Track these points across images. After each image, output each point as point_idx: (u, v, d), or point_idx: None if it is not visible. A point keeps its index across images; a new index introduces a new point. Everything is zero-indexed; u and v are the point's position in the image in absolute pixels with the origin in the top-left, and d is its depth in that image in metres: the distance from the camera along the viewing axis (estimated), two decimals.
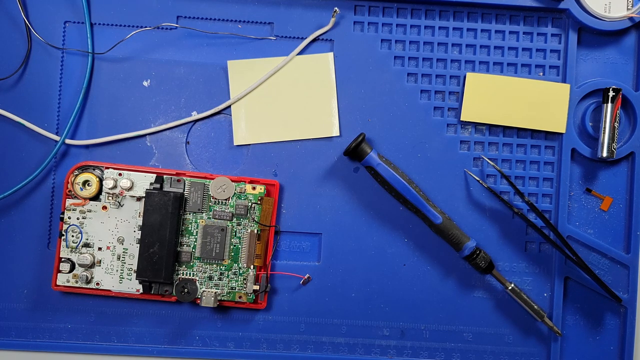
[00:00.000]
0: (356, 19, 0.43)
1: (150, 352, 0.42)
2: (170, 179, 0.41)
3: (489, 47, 0.43)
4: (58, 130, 0.42)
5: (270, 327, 0.42)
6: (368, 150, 0.41)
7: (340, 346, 0.43)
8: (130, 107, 0.42)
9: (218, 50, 0.43)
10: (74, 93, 0.42)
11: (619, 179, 0.43)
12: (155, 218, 0.39)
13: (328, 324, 0.43)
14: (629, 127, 0.43)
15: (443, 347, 0.43)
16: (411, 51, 0.43)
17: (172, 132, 0.42)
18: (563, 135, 0.43)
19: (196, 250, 0.41)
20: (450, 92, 0.43)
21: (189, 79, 0.42)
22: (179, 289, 0.40)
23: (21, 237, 0.42)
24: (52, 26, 0.42)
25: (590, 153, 0.43)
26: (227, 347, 0.42)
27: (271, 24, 0.43)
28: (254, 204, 0.41)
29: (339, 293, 0.43)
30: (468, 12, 0.43)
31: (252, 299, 0.41)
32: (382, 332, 0.43)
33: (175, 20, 0.42)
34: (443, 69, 0.43)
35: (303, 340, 0.42)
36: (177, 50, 0.42)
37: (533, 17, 0.43)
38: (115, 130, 0.42)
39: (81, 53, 0.42)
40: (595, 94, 0.43)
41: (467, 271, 0.43)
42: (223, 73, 0.42)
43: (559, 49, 0.43)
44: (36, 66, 0.42)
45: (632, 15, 0.42)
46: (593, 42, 0.43)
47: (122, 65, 0.42)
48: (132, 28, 0.42)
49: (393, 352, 0.43)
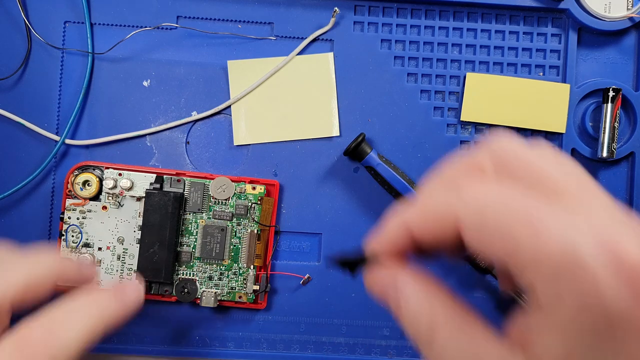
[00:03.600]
0: (356, 19, 0.43)
1: (150, 352, 0.42)
2: (170, 179, 0.41)
3: (489, 47, 0.43)
4: (58, 130, 0.42)
5: (270, 327, 0.42)
6: (368, 150, 0.41)
7: (340, 346, 0.43)
8: (130, 107, 0.42)
9: (218, 50, 0.43)
10: (74, 93, 0.42)
11: (618, 179, 0.43)
12: (155, 218, 0.39)
13: (328, 324, 0.43)
14: (628, 127, 0.43)
15: None
16: (411, 51, 0.43)
17: (172, 132, 0.42)
18: (563, 135, 0.43)
19: (196, 250, 0.41)
20: (450, 92, 0.43)
21: (189, 79, 0.42)
22: (179, 289, 0.40)
23: (21, 238, 0.41)
24: (52, 26, 0.42)
25: (590, 153, 0.43)
26: (227, 347, 0.42)
27: (271, 24, 0.43)
28: (254, 204, 0.41)
29: (339, 293, 0.42)
30: (468, 12, 0.43)
31: (252, 299, 0.41)
32: (382, 332, 0.43)
33: (175, 20, 0.42)
34: (443, 69, 0.43)
35: (303, 340, 0.42)
36: (177, 50, 0.42)
37: (533, 17, 0.43)
38: (115, 130, 0.42)
39: (81, 53, 0.42)
40: (595, 94, 0.43)
41: (467, 271, 0.43)
42: (223, 73, 0.42)
43: (559, 49, 0.43)
44: (36, 66, 0.42)
45: (632, 15, 0.42)
46: (593, 42, 0.43)
47: (122, 65, 0.42)
48: (132, 28, 0.42)
49: (393, 352, 0.43)
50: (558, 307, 0.16)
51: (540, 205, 0.17)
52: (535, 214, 0.17)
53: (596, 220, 0.17)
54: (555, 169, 0.19)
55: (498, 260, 0.18)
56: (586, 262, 0.16)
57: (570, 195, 0.18)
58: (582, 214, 0.17)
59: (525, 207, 0.17)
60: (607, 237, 0.16)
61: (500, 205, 0.17)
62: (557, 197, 0.18)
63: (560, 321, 0.16)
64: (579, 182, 0.18)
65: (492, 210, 0.18)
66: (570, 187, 0.18)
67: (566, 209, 0.17)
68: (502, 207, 0.17)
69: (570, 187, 0.18)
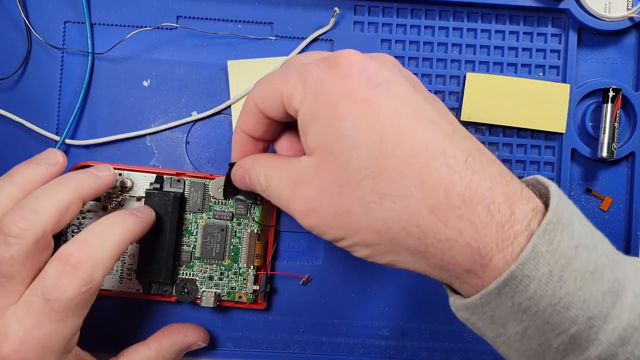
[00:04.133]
0: (356, 19, 0.43)
1: None
2: (170, 179, 0.41)
3: (489, 47, 0.43)
4: (58, 130, 0.42)
5: (270, 327, 0.42)
6: None
7: (340, 346, 0.42)
8: (130, 107, 0.42)
9: (218, 50, 0.43)
10: (73, 93, 0.42)
11: (619, 179, 0.43)
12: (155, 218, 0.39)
13: (328, 324, 0.42)
14: (628, 127, 0.43)
15: (443, 347, 0.43)
16: (411, 51, 0.43)
17: (172, 132, 0.42)
18: (563, 136, 0.43)
19: (196, 250, 0.41)
20: (450, 92, 0.43)
21: (189, 79, 0.42)
22: (179, 289, 0.40)
23: None
24: (52, 26, 0.42)
25: (590, 153, 0.43)
26: (227, 347, 0.42)
27: (271, 24, 0.43)
28: (254, 204, 0.41)
29: (339, 293, 0.42)
30: (468, 12, 0.43)
31: (252, 299, 0.41)
32: (382, 333, 0.43)
33: (175, 20, 0.42)
34: (443, 69, 0.43)
35: (303, 340, 0.42)
36: (177, 50, 0.42)
37: (533, 17, 0.43)
38: (115, 130, 0.42)
39: (81, 53, 0.42)
40: (595, 94, 0.43)
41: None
42: (223, 73, 0.42)
43: (559, 49, 0.43)
44: (36, 66, 0.42)
45: (632, 15, 0.42)
46: (593, 42, 0.43)
47: (122, 65, 0.42)
48: (132, 28, 0.42)
49: (393, 353, 0.43)
50: (305, 115, 0.28)
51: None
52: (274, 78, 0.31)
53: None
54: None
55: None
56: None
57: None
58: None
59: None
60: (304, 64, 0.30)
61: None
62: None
63: (308, 122, 0.28)
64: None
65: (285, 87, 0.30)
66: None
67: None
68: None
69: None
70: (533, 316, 0.25)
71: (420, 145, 0.26)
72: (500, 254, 0.25)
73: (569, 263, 0.24)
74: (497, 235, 0.25)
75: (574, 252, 0.24)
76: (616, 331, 0.24)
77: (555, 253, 0.24)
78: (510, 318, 0.26)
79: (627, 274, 0.26)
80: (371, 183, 0.26)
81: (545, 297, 0.24)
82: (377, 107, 0.26)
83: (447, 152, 0.26)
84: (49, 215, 0.31)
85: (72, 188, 0.33)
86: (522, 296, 0.25)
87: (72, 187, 0.33)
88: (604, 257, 0.25)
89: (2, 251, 0.29)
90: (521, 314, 0.25)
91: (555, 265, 0.24)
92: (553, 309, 0.24)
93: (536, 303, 0.24)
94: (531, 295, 0.24)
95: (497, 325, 0.26)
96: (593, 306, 0.24)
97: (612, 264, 0.26)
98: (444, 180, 0.25)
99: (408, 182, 0.26)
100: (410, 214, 0.26)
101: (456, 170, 0.25)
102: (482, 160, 0.26)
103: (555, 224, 0.24)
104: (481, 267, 0.26)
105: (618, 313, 0.24)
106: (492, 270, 0.25)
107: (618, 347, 0.24)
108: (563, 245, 0.24)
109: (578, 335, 0.25)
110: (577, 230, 0.25)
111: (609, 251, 0.26)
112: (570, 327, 0.24)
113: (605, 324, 0.24)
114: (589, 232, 0.26)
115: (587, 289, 0.24)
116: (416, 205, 0.26)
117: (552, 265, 0.24)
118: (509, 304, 0.25)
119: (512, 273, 0.24)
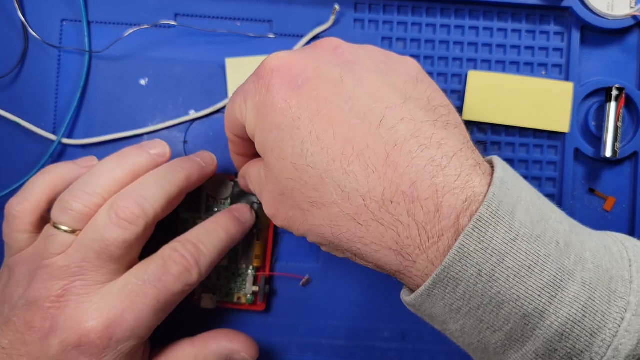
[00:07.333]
0: (357, 17, 0.42)
1: None
2: None
3: (491, 46, 0.43)
4: (54, 129, 0.42)
5: (269, 328, 0.42)
6: None
7: (340, 349, 0.42)
8: (128, 106, 0.42)
9: (216, 49, 0.42)
10: (70, 92, 0.42)
11: (622, 179, 0.43)
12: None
13: (327, 326, 0.42)
14: (632, 126, 0.43)
15: (444, 349, 0.42)
16: (412, 49, 0.42)
17: (169, 132, 0.42)
18: (566, 135, 0.42)
19: None
20: (452, 91, 0.43)
21: (186, 78, 0.42)
22: None
23: None
24: (49, 24, 0.42)
25: (593, 153, 0.42)
26: None
27: (270, 22, 0.42)
28: (253, 204, 0.40)
29: (339, 294, 0.42)
30: (470, 10, 0.43)
31: (251, 300, 0.40)
32: (382, 335, 0.42)
33: (174, 18, 0.42)
34: (445, 67, 0.43)
35: (302, 342, 0.42)
36: (174, 49, 0.42)
37: (535, 15, 0.43)
38: (113, 130, 0.42)
39: (78, 51, 0.42)
40: (598, 92, 0.43)
41: None
42: (221, 71, 0.42)
43: (562, 47, 0.43)
44: (33, 65, 0.41)
45: (635, 14, 0.41)
46: (596, 41, 0.43)
47: (120, 64, 0.42)
48: (129, 26, 0.42)
49: (393, 355, 0.42)
50: (250, 114, 0.29)
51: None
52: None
53: None
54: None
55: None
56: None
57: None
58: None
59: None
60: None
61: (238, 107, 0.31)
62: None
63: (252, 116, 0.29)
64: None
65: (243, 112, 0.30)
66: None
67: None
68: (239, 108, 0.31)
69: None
70: (466, 315, 0.24)
71: (337, 150, 0.25)
72: (424, 254, 0.24)
73: (502, 260, 0.23)
74: (419, 236, 0.24)
75: (509, 247, 0.23)
76: (553, 327, 0.23)
77: (486, 251, 0.23)
78: (446, 317, 0.25)
79: (583, 258, 0.24)
80: (300, 192, 0.27)
81: (475, 297, 0.24)
82: (297, 113, 0.26)
83: (364, 153, 0.25)
84: (160, 204, 0.32)
85: (183, 179, 0.34)
86: (452, 297, 0.24)
87: (183, 179, 0.34)
88: (552, 244, 0.24)
89: (115, 234, 0.31)
90: (454, 313, 0.25)
91: (485, 265, 0.23)
92: (485, 309, 0.24)
93: (467, 303, 0.24)
94: (461, 297, 0.24)
95: (439, 323, 0.26)
96: (527, 304, 0.23)
97: (560, 251, 0.24)
98: (362, 184, 0.25)
99: (330, 190, 0.25)
100: (335, 221, 0.26)
101: (374, 171, 0.25)
102: (410, 149, 0.24)
103: (488, 218, 0.23)
104: (407, 268, 0.25)
105: (556, 308, 0.23)
106: (418, 271, 0.25)
107: (556, 342, 0.23)
108: (496, 242, 0.23)
109: (514, 332, 0.24)
110: (519, 220, 0.23)
111: (563, 235, 0.24)
112: (505, 325, 0.24)
113: (542, 321, 0.23)
114: (536, 217, 0.24)
115: (521, 286, 0.23)
116: (338, 212, 0.26)
117: (481, 265, 0.23)
118: (441, 305, 0.25)
119: (438, 276, 0.24)
